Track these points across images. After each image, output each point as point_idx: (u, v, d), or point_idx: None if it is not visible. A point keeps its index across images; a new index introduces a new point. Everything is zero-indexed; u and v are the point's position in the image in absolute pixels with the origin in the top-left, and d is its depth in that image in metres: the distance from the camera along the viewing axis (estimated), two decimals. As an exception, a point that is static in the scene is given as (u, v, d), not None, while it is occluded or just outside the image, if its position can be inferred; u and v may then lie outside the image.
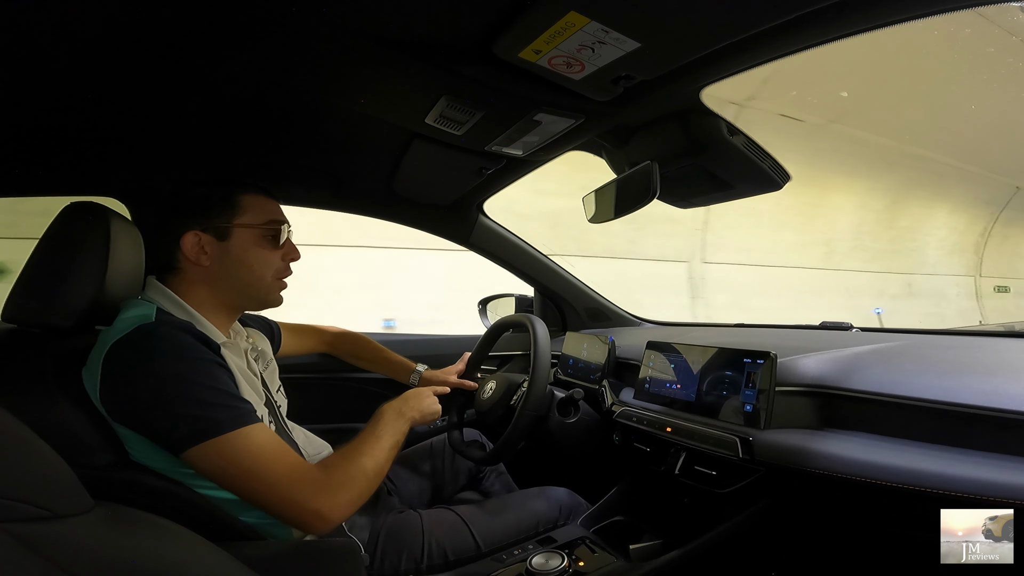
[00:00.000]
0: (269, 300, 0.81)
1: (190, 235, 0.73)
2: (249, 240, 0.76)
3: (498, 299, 1.66)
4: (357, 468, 0.70)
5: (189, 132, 0.86)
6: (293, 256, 0.82)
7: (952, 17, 0.73)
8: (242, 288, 0.77)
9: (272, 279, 0.79)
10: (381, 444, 0.76)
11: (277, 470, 0.63)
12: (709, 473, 0.81)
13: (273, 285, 0.79)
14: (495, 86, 0.69)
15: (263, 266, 0.77)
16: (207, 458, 0.61)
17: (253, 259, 0.76)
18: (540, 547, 0.87)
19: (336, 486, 0.66)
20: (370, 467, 0.71)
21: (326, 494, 0.65)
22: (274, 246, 0.78)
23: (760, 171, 0.87)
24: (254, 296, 0.79)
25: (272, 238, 0.78)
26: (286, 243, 0.80)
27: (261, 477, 0.62)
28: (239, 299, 0.79)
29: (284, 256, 0.80)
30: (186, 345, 0.65)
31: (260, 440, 0.64)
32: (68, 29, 0.56)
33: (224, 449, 0.61)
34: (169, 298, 0.72)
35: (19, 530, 0.32)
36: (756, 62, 0.64)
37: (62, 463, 0.38)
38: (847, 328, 1.11)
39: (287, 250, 0.81)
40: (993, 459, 0.55)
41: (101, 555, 0.37)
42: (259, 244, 0.77)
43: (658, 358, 0.98)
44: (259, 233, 0.77)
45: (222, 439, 0.61)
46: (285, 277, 0.82)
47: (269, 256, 0.78)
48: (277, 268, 0.79)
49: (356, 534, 0.83)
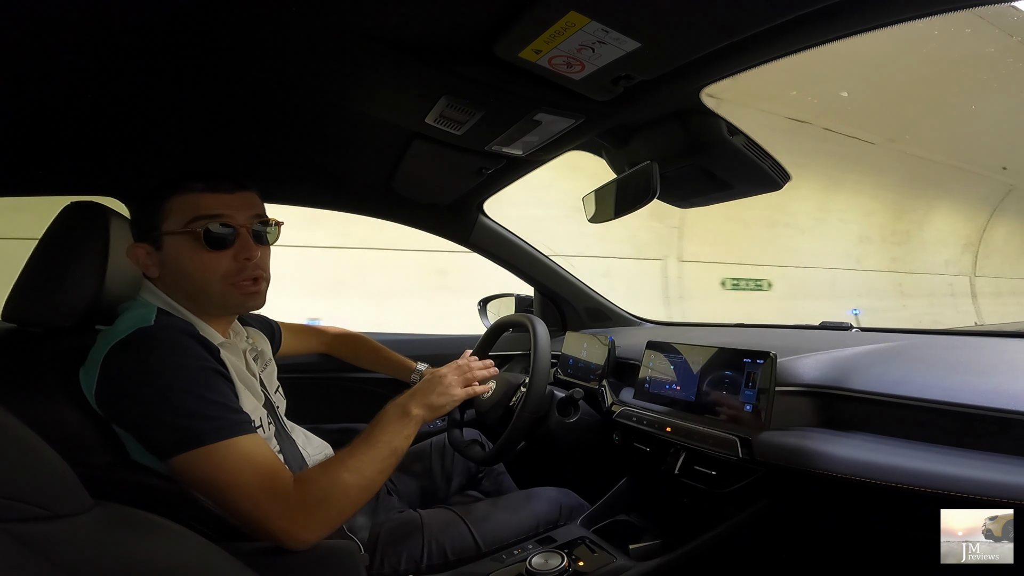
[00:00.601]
0: (227, 306, 0.73)
1: (135, 248, 0.70)
2: (180, 246, 0.69)
3: (498, 299, 1.66)
4: (335, 486, 0.64)
5: (189, 132, 0.86)
6: (245, 254, 0.71)
7: (952, 17, 0.73)
8: (193, 296, 0.71)
9: (221, 284, 0.70)
10: (372, 454, 0.69)
11: (251, 487, 0.60)
12: (709, 473, 0.81)
13: (226, 290, 0.71)
14: (495, 86, 0.69)
15: (204, 271, 0.69)
16: (188, 468, 0.60)
17: (189, 266, 0.69)
18: (540, 547, 0.87)
19: (308, 506, 0.61)
20: (352, 483, 0.65)
21: (296, 514, 0.61)
22: (206, 247, 0.68)
23: (760, 171, 0.87)
24: (211, 303, 0.72)
25: (197, 239, 0.68)
26: (232, 242, 0.70)
27: (234, 493, 0.60)
28: (202, 306, 0.72)
29: (236, 256, 0.70)
30: (183, 350, 0.64)
31: (241, 453, 0.61)
32: (68, 28, 0.56)
33: (204, 461, 0.60)
34: (162, 299, 0.71)
35: (19, 530, 0.32)
36: (756, 62, 0.64)
37: (62, 463, 0.38)
38: (847, 328, 1.11)
39: (237, 249, 0.70)
40: (993, 459, 0.55)
41: (101, 555, 0.37)
42: (190, 248, 0.68)
43: (658, 358, 0.98)
44: (184, 238, 0.68)
45: (204, 450, 0.59)
46: (245, 279, 0.71)
47: (208, 260, 0.69)
48: (225, 271, 0.70)
49: (356, 534, 0.83)
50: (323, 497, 0.63)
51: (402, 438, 0.73)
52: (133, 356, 0.62)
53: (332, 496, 0.63)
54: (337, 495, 0.64)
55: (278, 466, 0.64)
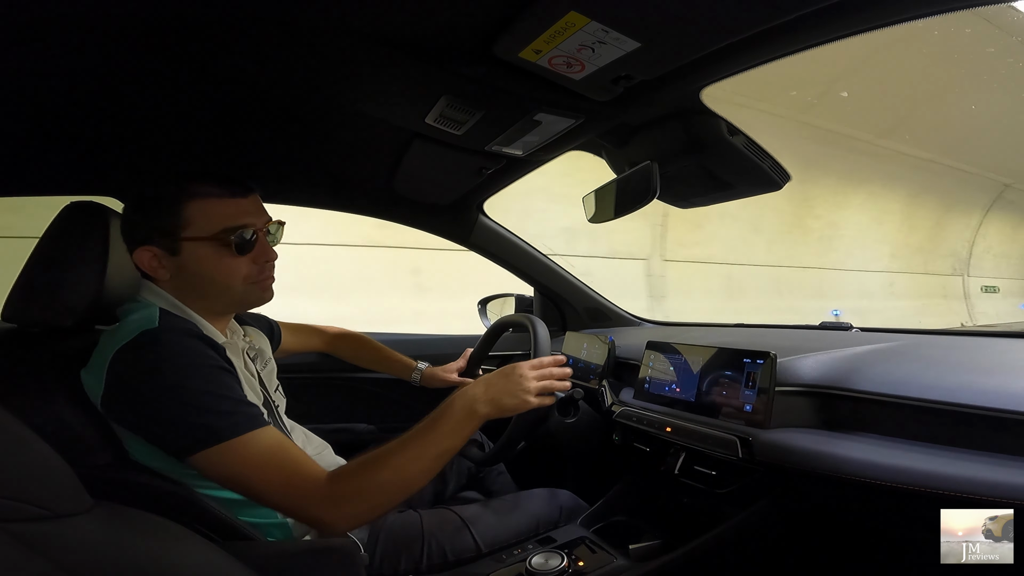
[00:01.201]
0: (247, 302, 0.77)
1: (142, 251, 0.69)
2: (203, 252, 0.69)
3: (498, 299, 1.66)
4: (373, 482, 0.64)
5: (189, 132, 0.86)
6: (265, 257, 0.74)
7: (952, 17, 0.73)
8: (212, 296, 0.72)
9: (242, 285, 0.72)
10: (421, 453, 0.67)
11: (275, 479, 0.62)
12: (709, 473, 0.81)
13: (247, 289, 0.73)
14: (495, 86, 0.69)
15: (226, 275, 0.71)
16: (210, 465, 0.61)
17: (212, 270, 0.70)
18: (540, 547, 0.87)
19: (340, 498, 0.63)
20: (390, 480, 0.64)
21: (325, 505, 0.62)
22: (234, 253, 0.70)
23: (760, 171, 0.87)
24: (228, 302, 0.75)
25: (227, 246, 0.69)
26: (254, 246, 0.72)
27: (260, 485, 0.62)
28: (215, 305, 0.74)
29: (255, 259, 0.73)
30: (191, 350, 0.64)
31: (262, 446, 0.62)
32: (68, 28, 0.56)
33: (225, 456, 0.61)
34: (166, 299, 0.71)
35: (19, 530, 0.32)
36: (756, 62, 0.64)
37: (62, 463, 0.38)
38: (847, 328, 1.11)
39: (257, 252, 0.73)
40: (993, 459, 0.55)
41: (101, 555, 0.37)
42: (216, 254, 0.69)
43: (658, 358, 0.98)
44: (212, 244, 0.69)
45: (223, 447, 0.60)
46: (263, 278, 0.75)
47: (231, 264, 0.70)
48: (246, 273, 0.72)
49: (356, 534, 0.83)
50: (356, 492, 0.64)
51: (460, 438, 0.70)
52: (141, 358, 0.62)
53: (368, 492, 0.64)
54: (372, 492, 0.64)
55: (300, 456, 0.65)
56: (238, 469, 0.61)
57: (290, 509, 0.64)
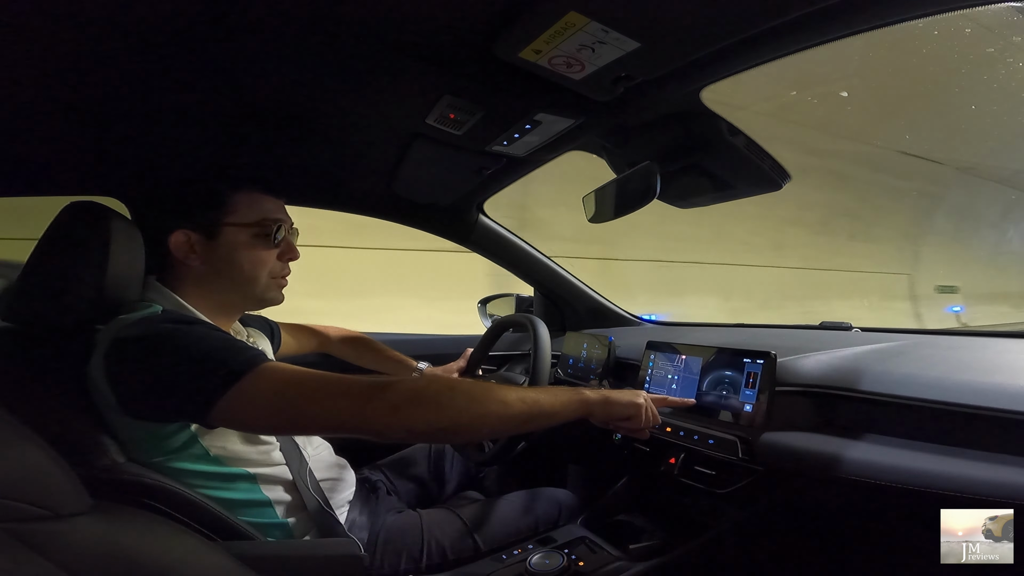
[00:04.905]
0: (266, 299, 0.80)
1: (178, 234, 0.73)
2: (240, 239, 0.75)
3: (498, 299, 1.66)
4: (442, 394, 0.60)
5: (189, 132, 0.86)
6: (291, 255, 0.81)
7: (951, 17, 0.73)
8: (236, 287, 0.77)
9: (267, 278, 0.78)
10: (509, 398, 0.63)
11: (317, 392, 0.57)
12: (709, 473, 0.81)
13: (269, 284, 0.79)
14: (496, 86, 0.69)
15: (256, 266, 0.76)
16: (241, 405, 0.56)
17: (244, 259, 0.76)
18: (540, 547, 0.87)
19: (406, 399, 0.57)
20: (466, 405, 0.60)
21: (375, 404, 0.56)
22: (267, 246, 0.77)
23: (760, 171, 0.87)
24: (250, 295, 0.79)
25: (266, 237, 0.77)
26: (283, 242, 0.80)
27: (301, 405, 0.57)
28: (235, 298, 0.79)
29: (281, 255, 0.80)
30: (195, 322, 0.66)
31: (283, 369, 0.59)
32: (68, 28, 0.56)
33: (251, 390, 0.56)
34: (169, 299, 0.72)
35: (19, 530, 0.32)
36: (756, 62, 0.64)
37: (62, 463, 0.38)
38: (847, 328, 1.11)
39: (284, 249, 0.80)
40: (993, 459, 0.55)
41: (101, 554, 0.37)
42: (251, 243, 0.76)
43: (658, 358, 0.98)
44: (251, 232, 0.76)
45: (245, 382, 0.56)
46: (283, 276, 0.81)
47: (262, 255, 0.77)
48: (273, 268, 0.78)
49: (356, 534, 0.83)
50: (415, 395, 0.58)
51: (553, 406, 0.68)
52: (140, 335, 0.61)
53: (434, 401, 0.59)
54: (441, 402, 0.59)
55: (317, 372, 0.61)
56: (268, 399, 0.56)
57: (353, 412, 0.57)
